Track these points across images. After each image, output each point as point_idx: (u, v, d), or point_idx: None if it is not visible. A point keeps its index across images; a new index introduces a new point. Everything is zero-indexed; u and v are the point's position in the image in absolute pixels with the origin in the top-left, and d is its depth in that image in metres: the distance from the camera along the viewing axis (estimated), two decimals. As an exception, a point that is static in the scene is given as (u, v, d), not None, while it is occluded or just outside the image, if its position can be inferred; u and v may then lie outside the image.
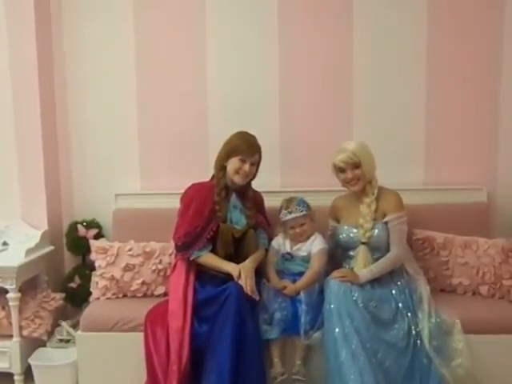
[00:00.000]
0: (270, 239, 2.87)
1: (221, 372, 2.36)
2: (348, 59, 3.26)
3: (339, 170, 2.71)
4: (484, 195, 3.19)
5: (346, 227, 2.76)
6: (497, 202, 3.26)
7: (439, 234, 2.95)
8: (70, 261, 3.40)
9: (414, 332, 2.53)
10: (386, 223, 2.68)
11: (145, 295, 2.94)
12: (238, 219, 2.78)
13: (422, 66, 3.25)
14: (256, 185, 2.91)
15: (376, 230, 2.67)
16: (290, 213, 2.72)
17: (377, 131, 3.25)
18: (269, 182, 3.12)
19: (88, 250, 3.09)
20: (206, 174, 2.89)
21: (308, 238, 2.76)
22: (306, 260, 2.74)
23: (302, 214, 2.72)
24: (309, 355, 2.60)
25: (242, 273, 2.57)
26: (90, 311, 2.83)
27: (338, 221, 2.86)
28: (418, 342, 2.52)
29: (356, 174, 2.68)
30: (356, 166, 2.67)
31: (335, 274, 2.60)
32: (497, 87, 3.23)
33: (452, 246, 2.90)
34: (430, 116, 3.27)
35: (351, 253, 2.74)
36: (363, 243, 2.67)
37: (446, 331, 2.57)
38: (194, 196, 2.76)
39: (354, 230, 2.72)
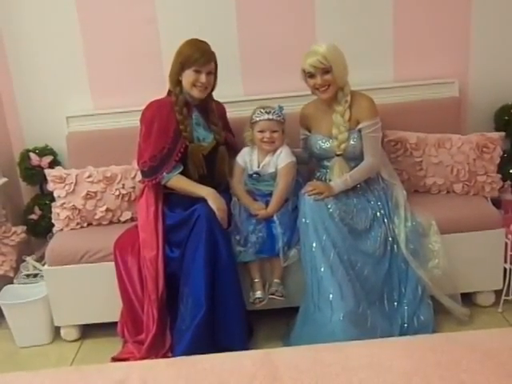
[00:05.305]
0: (236, 153, 2.69)
1: (197, 296, 2.30)
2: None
3: (308, 75, 2.49)
4: (456, 89, 3.04)
5: (319, 137, 2.61)
6: (469, 96, 3.12)
7: (412, 134, 2.83)
8: (27, 192, 3.20)
9: (390, 238, 2.51)
10: (359, 131, 2.53)
11: (111, 222, 2.81)
12: (204, 136, 2.60)
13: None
14: (217, 95, 2.69)
15: (351, 141, 2.53)
16: (268, 113, 2.53)
17: (342, 28, 3.01)
18: (231, 92, 2.92)
19: (45, 178, 2.89)
20: (161, 87, 2.64)
21: (275, 150, 2.59)
22: (275, 177, 2.57)
23: (279, 118, 2.54)
24: (287, 274, 2.53)
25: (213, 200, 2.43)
26: (54, 244, 2.69)
27: (308, 130, 2.70)
28: (395, 247, 2.50)
29: (326, 80, 2.47)
30: (326, 70, 2.45)
31: (308, 188, 2.49)
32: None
33: (425, 145, 2.80)
34: (398, 7, 3.03)
35: (326, 163, 2.62)
36: (338, 155, 2.54)
37: (422, 234, 2.55)
38: (155, 115, 2.52)
39: (328, 141, 2.57)
